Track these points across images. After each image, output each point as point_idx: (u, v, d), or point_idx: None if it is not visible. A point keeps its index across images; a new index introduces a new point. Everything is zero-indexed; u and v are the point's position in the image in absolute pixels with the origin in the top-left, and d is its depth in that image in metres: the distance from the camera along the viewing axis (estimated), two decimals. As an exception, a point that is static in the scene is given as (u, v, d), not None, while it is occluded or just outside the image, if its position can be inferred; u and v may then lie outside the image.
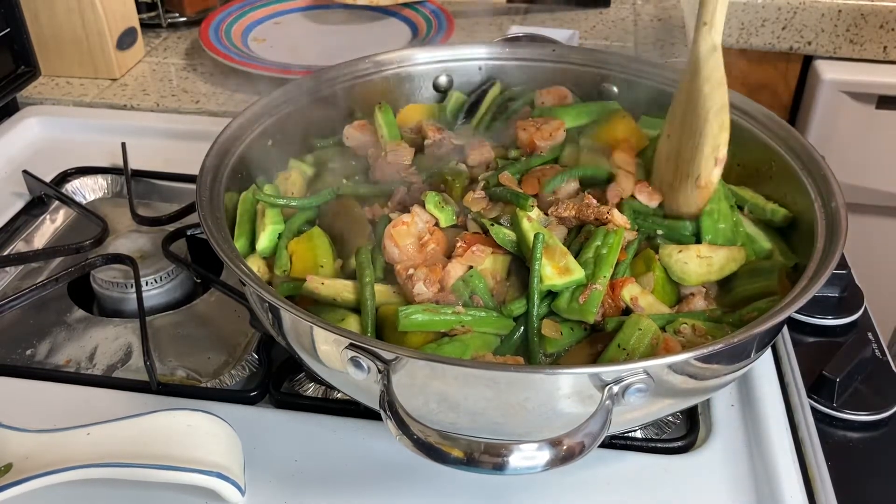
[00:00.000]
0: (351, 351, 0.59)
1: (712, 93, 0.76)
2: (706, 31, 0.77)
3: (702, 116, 0.75)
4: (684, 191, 0.77)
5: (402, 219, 0.75)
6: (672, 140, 0.80)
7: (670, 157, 0.79)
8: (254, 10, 1.49)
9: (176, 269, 0.91)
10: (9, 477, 0.62)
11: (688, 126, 0.77)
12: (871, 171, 1.57)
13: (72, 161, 1.10)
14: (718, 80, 0.76)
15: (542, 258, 0.69)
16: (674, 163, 0.79)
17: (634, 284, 0.71)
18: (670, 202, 0.79)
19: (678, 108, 0.80)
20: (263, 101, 0.86)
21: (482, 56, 0.97)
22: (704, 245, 0.75)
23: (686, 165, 0.77)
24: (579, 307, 0.68)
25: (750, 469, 0.70)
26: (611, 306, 0.70)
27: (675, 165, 0.78)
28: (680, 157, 0.78)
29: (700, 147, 0.75)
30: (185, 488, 0.64)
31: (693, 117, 0.76)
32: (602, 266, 0.70)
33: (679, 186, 0.78)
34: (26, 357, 0.83)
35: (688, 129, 0.77)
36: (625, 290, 0.70)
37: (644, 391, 0.58)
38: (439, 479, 0.69)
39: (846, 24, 1.53)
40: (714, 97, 0.75)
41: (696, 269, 0.73)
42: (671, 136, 0.80)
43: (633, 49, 1.42)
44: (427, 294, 0.69)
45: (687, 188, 0.77)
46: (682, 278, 0.73)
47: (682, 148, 0.78)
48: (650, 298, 0.71)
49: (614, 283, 0.71)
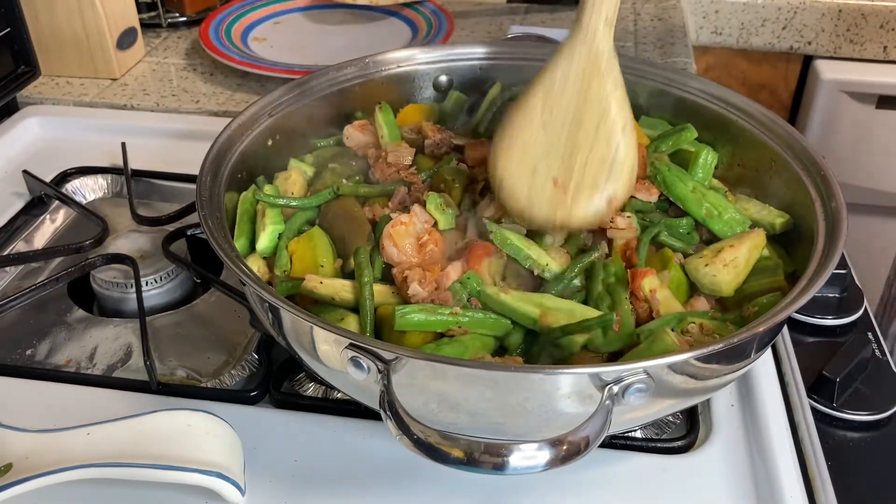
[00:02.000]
0: (351, 351, 0.59)
1: (623, 106, 0.71)
2: (606, 30, 0.71)
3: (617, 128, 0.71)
4: (584, 201, 0.71)
5: (401, 219, 0.75)
6: (556, 133, 0.72)
7: (553, 151, 0.72)
8: (254, 10, 1.49)
9: (176, 269, 0.91)
10: (9, 477, 0.62)
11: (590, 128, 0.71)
12: (871, 171, 1.57)
13: (72, 161, 1.10)
14: (624, 95, 0.72)
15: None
16: (561, 161, 0.72)
17: (654, 276, 0.71)
18: (549, 205, 0.72)
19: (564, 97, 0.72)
20: (263, 101, 0.86)
21: (482, 56, 0.97)
22: (727, 250, 0.73)
23: (591, 173, 0.71)
24: (618, 336, 0.68)
25: (750, 469, 0.70)
26: (638, 305, 0.70)
27: (569, 167, 0.71)
28: (576, 160, 0.71)
29: (616, 162, 0.70)
30: (185, 488, 0.64)
31: (601, 122, 0.71)
32: (617, 291, 0.70)
33: (577, 194, 0.71)
34: (26, 357, 0.83)
35: (589, 132, 0.71)
36: (645, 280, 0.70)
37: (644, 391, 0.58)
38: (439, 479, 0.69)
39: (846, 24, 1.53)
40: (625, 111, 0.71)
41: (725, 277, 0.72)
42: (551, 125, 0.72)
43: (633, 49, 1.42)
44: (422, 294, 0.69)
45: (590, 200, 0.71)
46: (715, 290, 0.72)
47: (581, 149, 0.71)
48: (667, 292, 0.71)
49: (634, 272, 0.71)
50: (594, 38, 0.72)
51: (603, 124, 0.71)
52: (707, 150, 0.82)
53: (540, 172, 0.72)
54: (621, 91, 0.72)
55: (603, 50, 0.72)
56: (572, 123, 0.72)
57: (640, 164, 0.75)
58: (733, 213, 0.77)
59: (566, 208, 0.72)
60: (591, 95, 0.71)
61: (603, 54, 0.72)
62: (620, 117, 0.71)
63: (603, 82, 0.71)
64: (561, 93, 0.72)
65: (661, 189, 0.79)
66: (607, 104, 0.71)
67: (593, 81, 0.71)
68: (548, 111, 0.73)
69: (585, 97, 0.72)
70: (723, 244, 0.74)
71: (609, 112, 0.71)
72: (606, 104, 0.71)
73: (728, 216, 0.77)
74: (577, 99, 0.72)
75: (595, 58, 0.72)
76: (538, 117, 0.73)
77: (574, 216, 0.72)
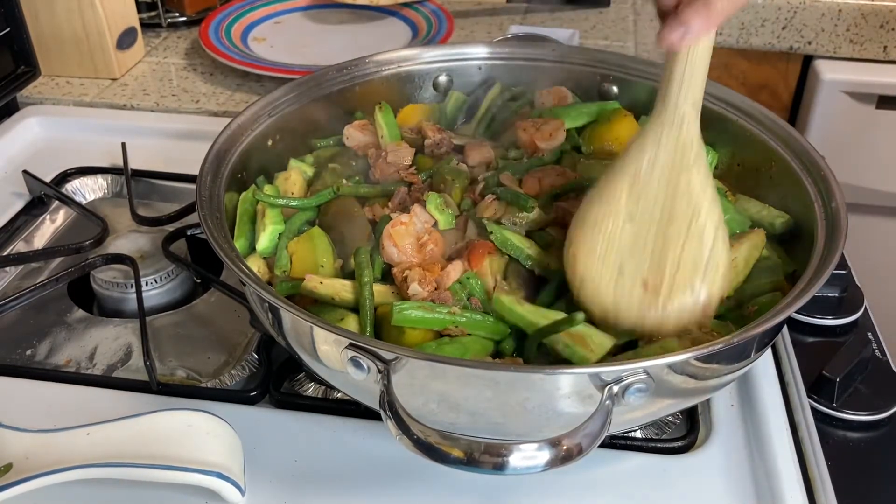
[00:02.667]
0: (351, 351, 0.59)
1: (715, 202, 0.66)
2: (695, 115, 0.66)
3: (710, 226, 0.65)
4: (678, 303, 0.65)
5: (401, 219, 0.75)
6: (644, 230, 0.66)
7: (640, 248, 0.66)
8: (254, 9, 1.49)
9: (176, 269, 0.91)
10: (9, 477, 0.62)
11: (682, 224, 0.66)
12: (871, 171, 1.57)
13: (72, 161, 1.10)
14: (714, 188, 0.67)
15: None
16: (656, 262, 0.66)
17: None
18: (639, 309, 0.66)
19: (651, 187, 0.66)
20: (263, 101, 0.86)
21: (482, 56, 0.97)
22: None
23: (685, 275, 0.65)
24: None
25: (750, 469, 0.70)
26: None
27: (658, 267, 0.66)
28: (667, 259, 0.66)
29: (710, 265, 0.65)
30: (185, 488, 0.64)
31: (693, 219, 0.65)
32: None
33: (669, 295, 0.65)
34: (26, 357, 0.83)
35: (681, 229, 0.66)
36: None
37: (644, 391, 0.58)
38: (439, 479, 0.69)
39: (846, 24, 1.53)
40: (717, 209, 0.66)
41: None
42: (639, 221, 0.66)
43: (633, 49, 1.42)
44: (422, 294, 0.69)
45: (683, 302, 0.65)
46: None
47: (672, 249, 0.66)
48: None
49: None
50: (682, 124, 0.66)
51: (695, 221, 0.66)
52: (707, 150, 0.81)
53: (627, 272, 0.66)
54: (712, 187, 0.67)
55: (692, 139, 0.66)
56: (661, 218, 0.66)
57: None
58: (733, 213, 0.77)
59: (657, 312, 0.66)
60: (682, 189, 0.66)
61: (692, 144, 0.66)
62: (714, 214, 0.66)
63: (694, 175, 0.66)
64: (647, 182, 0.66)
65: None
66: (699, 200, 0.66)
67: (682, 174, 0.66)
68: (633, 202, 0.66)
69: (676, 190, 0.66)
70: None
71: (701, 209, 0.66)
72: (698, 200, 0.66)
73: (728, 216, 0.76)
74: (667, 191, 0.66)
75: (684, 148, 0.66)
76: (623, 208, 0.67)
77: (667, 321, 0.66)
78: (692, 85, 0.65)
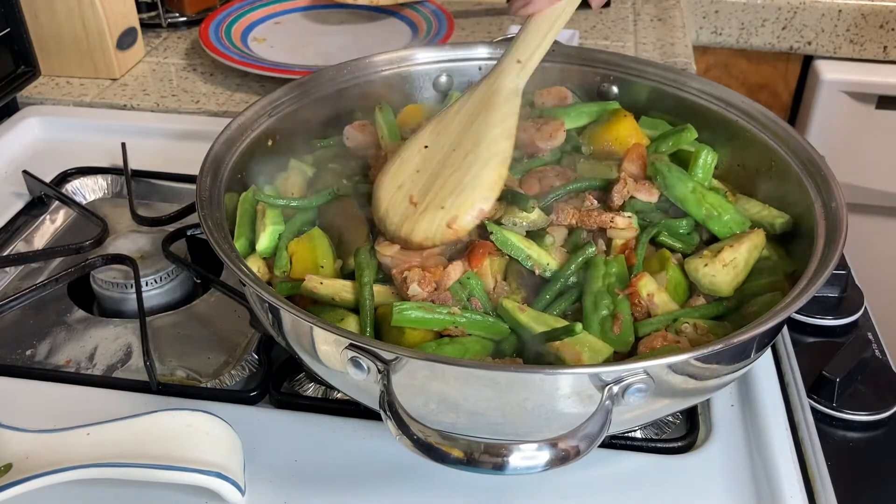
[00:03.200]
0: (351, 351, 0.59)
1: (500, 140, 0.73)
2: (517, 69, 0.75)
3: (482, 158, 0.73)
4: (428, 219, 0.72)
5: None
6: (431, 155, 0.75)
7: (423, 171, 0.75)
8: (254, 10, 1.49)
9: (176, 270, 0.91)
10: (9, 477, 0.62)
11: (460, 154, 0.73)
12: (871, 171, 1.57)
13: (72, 161, 1.10)
14: (509, 130, 0.74)
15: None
16: (425, 181, 0.74)
17: (650, 279, 0.71)
18: (400, 218, 0.73)
19: (452, 125, 0.75)
20: (263, 101, 0.86)
21: (482, 56, 0.97)
22: (726, 250, 0.73)
23: (442, 195, 0.73)
24: (616, 338, 0.68)
25: (750, 469, 0.70)
26: (636, 307, 0.70)
27: (428, 186, 0.74)
28: (437, 181, 0.73)
29: (468, 188, 0.72)
30: (185, 488, 0.64)
31: (471, 150, 0.73)
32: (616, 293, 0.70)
33: (424, 211, 0.73)
34: (26, 357, 0.83)
35: (458, 158, 0.73)
36: (641, 283, 0.70)
37: (644, 391, 0.58)
38: (439, 479, 0.69)
39: (846, 24, 1.53)
40: (502, 145, 0.73)
41: (724, 278, 0.72)
42: (431, 149, 0.75)
43: (633, 49, 1.42)
44: (422, 295, 0.69)
45: (433, 218, 0.72)
46: (714, 291, 0.72)
47: (444, 172, 0.73)
48: (665, 297, 0.71)
49: (632, 279, 0.71)
50: (499, 75, 0.76)
51: (472, 153, 0.73)
52: (707, 150, 0.81)
53: (404, 188, 0.75)
54: (504, 127, 0.74)
55: (503, 86, 0.75)
56: (448, 150, 0.75)
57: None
58: (733, 213, 0.77)
59: (412, 223, 0.73)
60: (475, 127, 0.74)
61: (501, 91, 0.75)
62: (489, 150, 0.73)
63: (490, 115, 0.74)
64: (450, 122, 0.76)
65: (661, 189, 0.79)
66: (483, 135, 0.74)
67: (481, 114, 0.75)
68: (433, 137, 0.76)
69: (470, 127, 0.75)
70: (722, 244, 0.74)
71: (480, 143, 0.74)
72: (482, 135, 0.74)
73: (728, 217, 0.76)
74: (462, 129, 0.75)
75: (493, 93, 0.75)
76: (422, 141, 0.77)
77: (416, 231, 0.73)
78: (525, 46, 0.76)
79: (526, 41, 0.77)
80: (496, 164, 0.73)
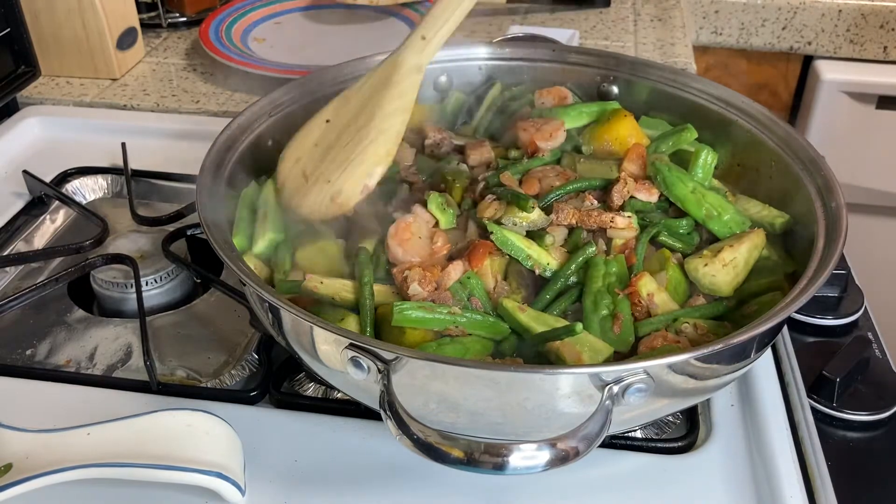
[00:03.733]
0: (351, 351, 0.59)
1: (395, 115, 0.73)
2: (421, 45, 0.75)
3: (372, 132, 0.73)
4: (315, 192, 0.74)
5: (405, 219, 0.74)
6: (330, 130, 0.75)
7: (320, 145, 0.75)
8: (254, 10, 1.49)
9: (176, 269, 0.91)
10: (9, 477, 0.62)
11: (353, 129, 0.74)
12: (871, 171, 1.57)
13: (72, 161, 1.10)
14: (405, 106, 0.74)
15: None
16: (320, 155, 0.75)
17: (650, 279, 0.71)
18: (292, 190, 0.75)
19: (353, 100, 0.76)
20: (263, 101, 0.86)
21: (482, 56, 0.97)
22: (726, 250, 0.73)
23: (331, 169, 0.73)
24: (616, 338, 0.68)
25: (750, 469, 0.70)
26: (637, 306, 0.70)
27: (320, 160, 0.74)
28: (329, 155, 0.74)
29: (354, 163, 0.73)
30: (185, 488, 0.64)
31: (364, 125, 0.73)
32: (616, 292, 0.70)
33: (313, 185, 0.74)
34: (26, 357, 0.83)
35: (351, 133, 0.74)
36: (641, 283, 0.70)
37: (644, 391, 0.58)
38: (439, 479, 0.69)
39: (846, 24, 1.53)
40: (394, 120, 0.73)
41: (724, 277, 0.72)
42: (332, 123, 0.76)
43: (633, 49, 1.42)
44: (423, 295, 0.69)
45: (320, 192, 0.73)
46: (714, 291, 0.72)
47: (336, 147, 0.74)
48: (664, 296, 0.71)
49: (632, 278, 0.71)
50: (402, 50, 0.76)
51: (364, 128, 0.74)
52: (707, 150, 0.82)
53: (301, 162, 0.76)
54: (400, 102, 0.74)
55: (404, 62, 0.75)
56: (345, 126, 0.75)
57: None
58: (733, 213, 0.77)
59: (300, 196, 0.75)
60: (373, 102, 0.74)
61: (402, 66, 0.75)
62: (381, 126, 0.73)
63: (388, 90, 0.74)
64: (353, 97, 0.77)
65: (661, 189, 0.79)
66: (378, 110, 0.74)
67: (381, 89, 0.75)
68: (335, 112, 0.77)
69: (368, 102, 0.75)
70: (722, 244, 0.74)
71: (374, 118, 0.74)
72: (377, 110, 0.74)
73: (728, 217, 0.76)
74: (361, 104, 0.75)
75: (394, 69, 0.75)
76: (325, 115, 0.77)
77: (304, 204, 0.74)
78: (432, 22, 0.75)
79: (433, 17, 0.76)
80: (385, 140, 0.73)
